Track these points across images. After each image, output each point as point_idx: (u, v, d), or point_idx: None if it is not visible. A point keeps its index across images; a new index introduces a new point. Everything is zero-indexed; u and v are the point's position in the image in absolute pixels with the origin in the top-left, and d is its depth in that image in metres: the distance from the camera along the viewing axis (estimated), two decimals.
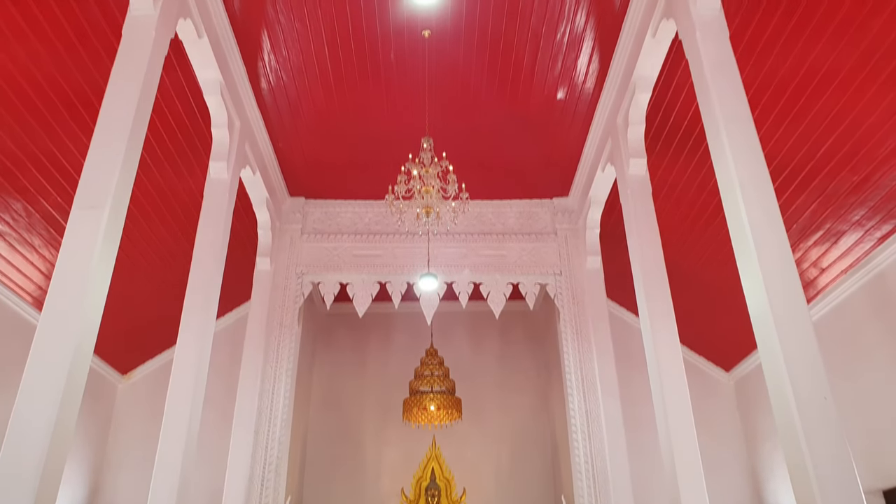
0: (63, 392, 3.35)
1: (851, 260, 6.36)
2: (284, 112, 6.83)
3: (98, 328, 3.70)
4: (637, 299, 6.10)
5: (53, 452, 3.29)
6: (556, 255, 8.19)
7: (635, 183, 6.05)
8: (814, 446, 3.70)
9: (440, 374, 8.23)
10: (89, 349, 3.63)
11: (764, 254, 4.20)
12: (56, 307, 3.55)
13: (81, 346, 3.53)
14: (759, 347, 4.26)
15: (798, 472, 3.79)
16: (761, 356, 4.25)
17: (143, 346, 8.87)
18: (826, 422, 3.77)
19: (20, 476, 3.19)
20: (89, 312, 3.63)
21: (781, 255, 4.19)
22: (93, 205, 3.84)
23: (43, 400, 3.33)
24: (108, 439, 8.62)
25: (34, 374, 3.41)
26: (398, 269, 8.09)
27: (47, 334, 3.48)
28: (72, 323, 3.51)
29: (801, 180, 5.86)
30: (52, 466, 3.30)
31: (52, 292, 3.57)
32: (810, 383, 3.88)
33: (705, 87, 4.35)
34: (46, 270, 6.59)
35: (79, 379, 3.52)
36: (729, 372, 9.26)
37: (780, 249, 4.20)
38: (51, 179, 5.80)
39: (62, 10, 4.77)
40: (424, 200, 5.42)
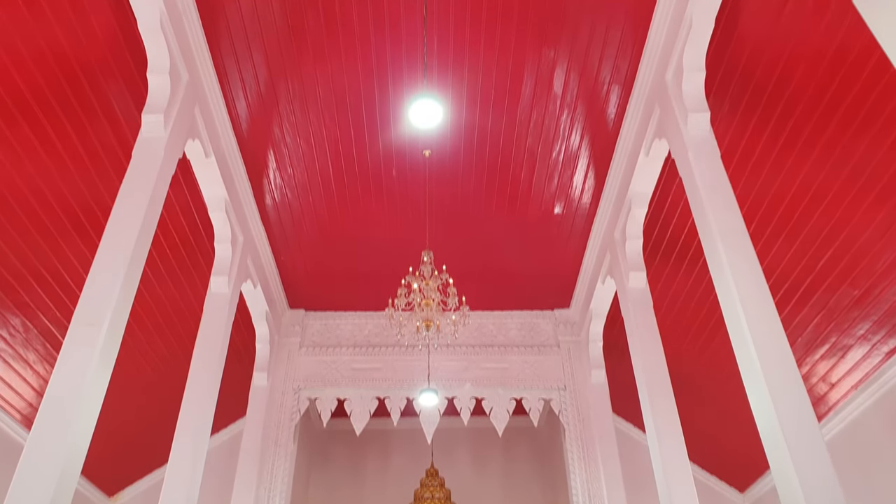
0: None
1: (861, 375, 6.24)
2: (287, 226, 6.96)
3: (86, 451, 3.57)
4: (643, 415, 5.93)
5: None
6: (559, 369, 8.05)
7: (636, 296, 6.05)
8: None
9: (441, 497, 7.86)
10: (76, 472, 3.48)
11: (769, 370, 4.10)
12: (45, 428, 3.43)
13: (67, 470, 3.38)
14: (772, 470, 4.09)
15: None
16: (775, 480, 4.06)
17: (131, 465, 8.54)
18: None
19: None
20: (78, 435, 3.50)
21: (787, 370, 4.09)
22: (91, 322, 3.80)
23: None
24: None
25: (17, 497, 3.25)
26: (397, 384, 7.93)
27: (33, 456, 3.35)
28: (59, 445, 3.38)
29: (802, 294, 5.85)
30: None
31: (42, 412, 3.47)
32: None
33: (700, 205, 4.43)
34: (39, 387, 6.47)
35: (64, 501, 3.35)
36: (744, 493, 8.85)
37: (785, 365, 4.10)
38: (51, 294, 5.82)
39: (75, 129, 4.96)
40: (424, 313, 5.39)
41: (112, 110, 5.00)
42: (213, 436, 8.28)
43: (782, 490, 3.94)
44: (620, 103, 5.50)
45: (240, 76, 5.36)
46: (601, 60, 5.16)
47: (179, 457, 5.18)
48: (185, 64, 4.88)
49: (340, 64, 5.24)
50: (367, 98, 5.53)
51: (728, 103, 4.92)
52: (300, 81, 5.40)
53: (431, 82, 5.32)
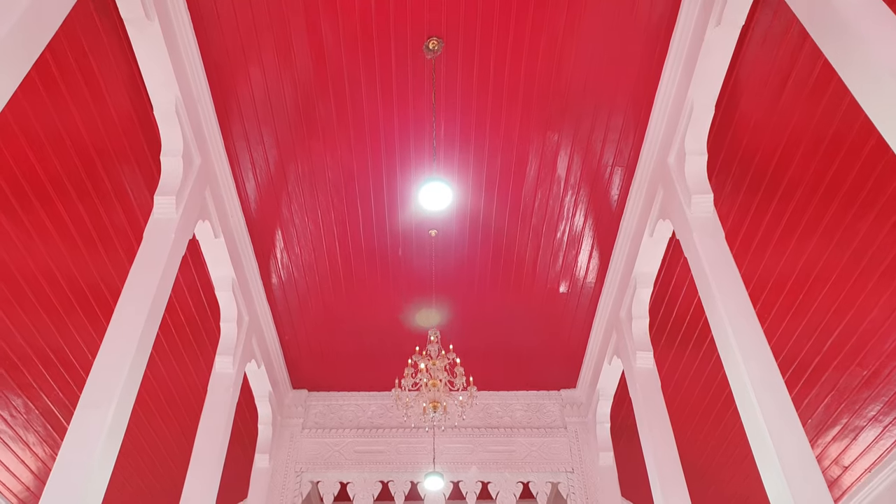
0: None
1: (874, 457, 6.12)
2: (293, 306, 6.97)
3: None
4: (654, 499, 5.77)
5: None
6: (566, 451, 7.87)
7: (643, 376, 5.99)
8: None
9: None
10: None
11: (783, 452, 4.01)
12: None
13: None
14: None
15: None
16: None
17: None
18: None
19: None
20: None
21: (801, 452, 4.00)
22: (98, 404, 3.76)
23: None
24: None
25: None
26: (401, 467, 7.73)
27: None
28: None
29: (811, 374, 5.81)
30: None
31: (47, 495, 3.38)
32: None
33: (707, 285, 4.46)
34: (37, 470, 6.32)
35: None
36: None
37: (799, 447, 4.03)
38: (55, 375, 5.77)
39: (87, 211, 5.04)
40: (431, 394, 5.33)
41: (125, 193, 5.10)
42: None
43: None
44: (623, 185, 5.62)
45: (250, 158, 5.50)
46: (604, 144, 5.32)
47: None
48: (198, 147, 5.02)
49: (349, 147, 5.39)
50: (375, 180, 5.66)
51: (730, 184, 5.04)
52: (309, 163, 5.54)
53: (438, 164, 5.46)
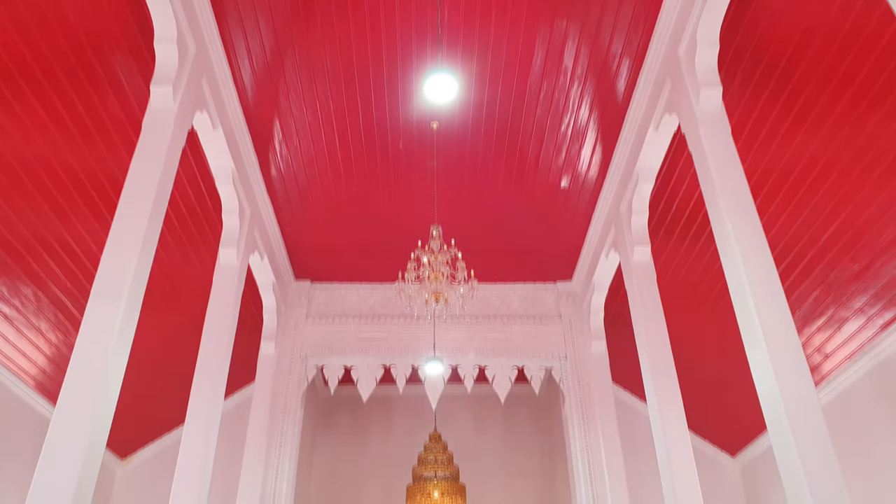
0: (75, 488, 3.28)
1: (855, 346, 6.38)
2: (293, 198, 6.97)
3: (111, 423, 3.65)
4: (644, 386, 6.07)
5: None
6: (560, 339, 8.18)
7: (640, 270, 6.13)
8: None
9: (444, 460, 8.03)
10: (102, 444, 3.57)
11: (771, 337, 4.21)
12: (70, 403, 3.51)
13: (94, 442, 3.47)
14: (771, 437, 4.24)
15: None
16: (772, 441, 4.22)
17: (143, 429, 8.68)
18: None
19: None
20: (102, 408, 3.59)
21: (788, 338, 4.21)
22: (110, 295, 3.85)
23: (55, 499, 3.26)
24: None
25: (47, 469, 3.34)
26: (403, 352, 8.05)
27: (60, 430, 3.43)
28: (85, 418, 3.46)
29: (804, 268, 5.95)
30: None
31: (66, 387, 3.53)
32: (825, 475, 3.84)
33: (710, 180, 4.48)
34: (51, 354, 6.54)
35: (91, 474, 3.45)
36: (734, 457, 9.09)
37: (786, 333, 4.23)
38: (61, 265, 5.84)
39: (81, 100, 4.92)
40: (433, 286, 5.46)
41: (119, 82, 4.96)
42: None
43: (779, 451, 4.09)
44: (631, 77, 5.49)
45: (246, 46, 5.31)
46: (613, 33, 5.14)
47: (194, 420, 5.31)
48: (192, 34, 4.84)
49: (348, 34, 5.20)
50: (375, 70, 5.50)
51: (740, 78, 4.93)
52: (307, 51, 5.36)
53: (443, 54, 5.29)
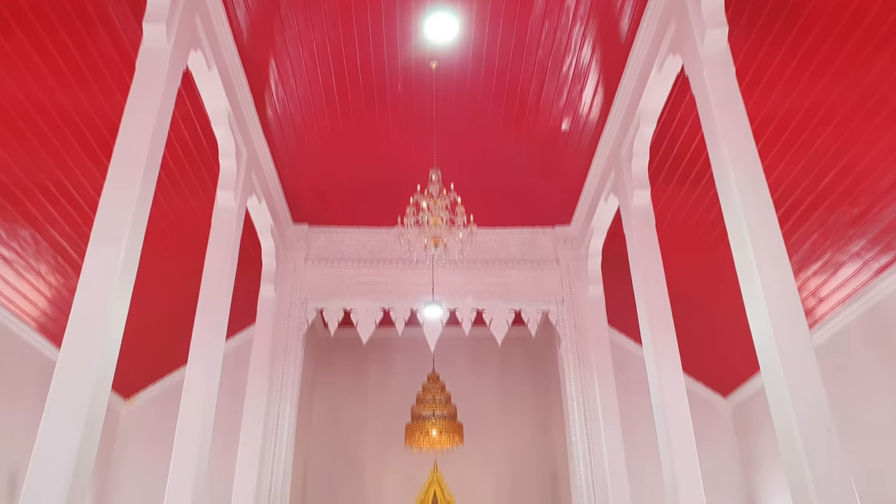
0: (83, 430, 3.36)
1: (849, 290, 6.45)
2: (290, 140, 6.89)
3: (115, 365, 3.71)
4: (640, 329, 6.16)
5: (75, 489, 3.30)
6: (558, 283, 8.25)
7: (639, 214, 6.13)
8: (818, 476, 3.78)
9: (442, 400, 8.22)
10: (107, 386, 3.64)
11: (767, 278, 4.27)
12: (74, 347, 3.55)
13: (100, 385, 3.54)
14: (763, 376, 4.34)
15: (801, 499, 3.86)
16: (765, 385, 4.32)
17: (145, 369, 8.83)
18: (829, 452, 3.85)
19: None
20: (107, 351, 3.64)
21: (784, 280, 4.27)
22: (110, 238, 3.86)
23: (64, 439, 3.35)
24: (111, 464, 8.53)
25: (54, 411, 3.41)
26: (402, 296, 8.12)
27: (67, 371, 3.49)
28: (90, 362, 3.51)
29: (803, 212, 5.96)
30: None
31: (70, 332, 3.57)
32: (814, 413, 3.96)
33: (712, 123, 4.44)
34: (52, 297, 6.58)
35: (98, 415, 3.53)
36: (726, 398, 9.30)
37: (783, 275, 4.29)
38: (59, 208, 5.82)
39: (75, 42, 4.81)
40: (432, 231, 5.46)
41: (110, 20, 4.83)
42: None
43: (770, 391, 4.21)
44: (634, 16, 5.36)
45: None
46: None
47: (196, 361, 5.40)
48: None
49: None
50: (374, 7, 5.35)
51: (746, 18, 4.82)
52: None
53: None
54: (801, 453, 3.89)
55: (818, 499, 3.72)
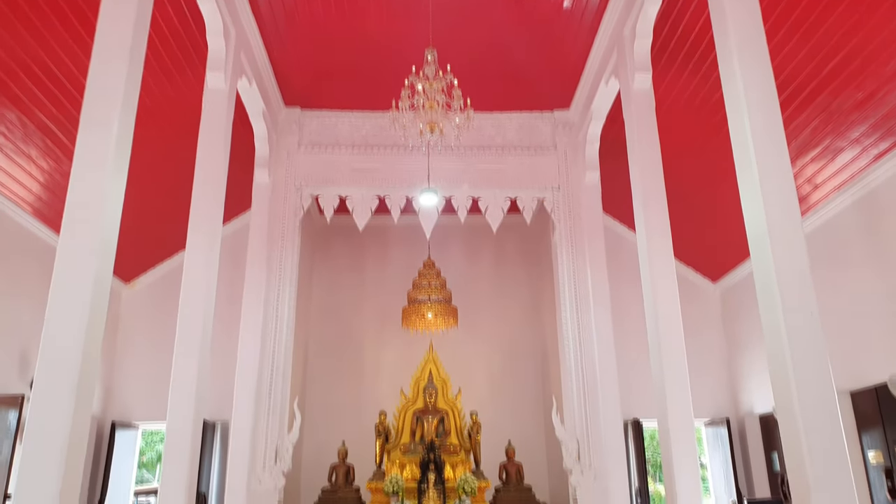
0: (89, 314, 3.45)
1: (846, 176, 6.46)
2: (280, 19, 6.60)
3: (115, 250, 3.76)
4: (635, 214, 6.21)
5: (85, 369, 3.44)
6: (554, 170, 8.21)
7: (639, 98, 6.01)
8: (797, 357, 3.98)
9: (437, 285, 8.42)
10: (109, 269, 3.71)
11: (764, 170, 4.29)
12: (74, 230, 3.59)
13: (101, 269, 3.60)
14: (752, 260, 4.45)
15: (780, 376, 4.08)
16: (754, 269, 4.44)
17: (145, 254, 8.95)
18: (810, 334, 4.03)
19: (58, 398, 3.37)
20: (107, 233, 3.67)
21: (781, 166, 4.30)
22: (100, 122, 3.79)
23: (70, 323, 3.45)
24: (115, 346, 8.84)
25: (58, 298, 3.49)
26: (397, 183, 8.09)
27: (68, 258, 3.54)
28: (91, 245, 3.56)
29: (806, 96, 5.85)
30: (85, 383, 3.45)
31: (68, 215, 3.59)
32: (798, 296, 4.10)
33: (719, 4, 4.27)
34: (45, 181, 6.54)
35: (101, 301, 3.62)
36: (716, 283, 9.55)
37: (780, 168, 4.30)
38: (44, 90, 5.66)
39: None
40: (428, 115, 5.36)
41: None
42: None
43: (759, 279, 4.33)
44: None
45: None
46: None
47: (195, 244, 5.48)
48: None
49: None
50: None
51: None
52: None
53: None
54: (783, 335, 4.05)
55: (795, 380, 3.93)
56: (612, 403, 7.55)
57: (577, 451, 7.40)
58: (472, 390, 9.23)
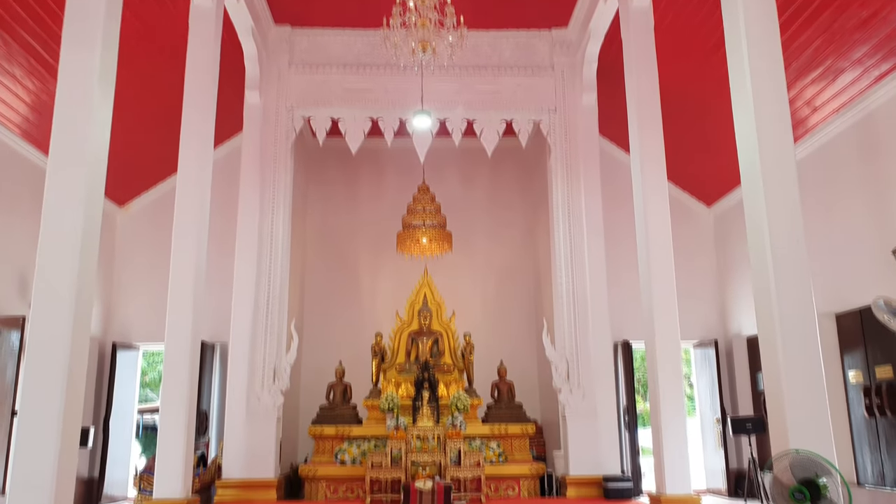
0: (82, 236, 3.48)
1: (845, 99, 6.37)
2: None
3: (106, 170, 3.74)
4: (630, 135, 6.16)
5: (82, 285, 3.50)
6: (551, 91, 8.06)
7: (638, 17, 5.87)
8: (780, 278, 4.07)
9: (432, 210, 8.42)
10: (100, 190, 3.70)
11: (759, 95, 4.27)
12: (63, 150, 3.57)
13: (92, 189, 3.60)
14: (742, 185, 4.46)
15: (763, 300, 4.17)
16: (744, 194, 4.47)
17: (138, 177, 8.89)
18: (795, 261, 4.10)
19: (56, 317, 3.43)
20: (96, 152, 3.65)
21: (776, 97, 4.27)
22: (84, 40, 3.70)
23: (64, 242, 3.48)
24: (113, 270, 8.91)
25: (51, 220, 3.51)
26: (390, 105, 7.95)
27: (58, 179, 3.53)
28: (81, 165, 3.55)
29: (809, 15, 5.69)
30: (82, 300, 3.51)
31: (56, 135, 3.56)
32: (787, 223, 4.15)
33: None
34: (31, 101, 6.43)
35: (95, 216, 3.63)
36: (710, 207, 9.56)
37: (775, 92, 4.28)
38: (24, 6, 5.47)
39: None
40: (420, 34, 5.22)
41: None
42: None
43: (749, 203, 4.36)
44: None
45: None
46: None
47: (187, 165, 5.48)
48: None
49: None
50: None
51: None
52: None
53: None
54: (769, 261, 4.12)
55: (778, 304, 4.02)
56: (602, 325, 7.71)
57: (566, 371, 7.61)
58: (466, 313, 9.39)
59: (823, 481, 3.08)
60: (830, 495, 3.08)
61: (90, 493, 7.85)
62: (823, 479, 3.09)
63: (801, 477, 3.10)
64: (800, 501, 3.07)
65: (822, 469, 3.11)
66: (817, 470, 3.10)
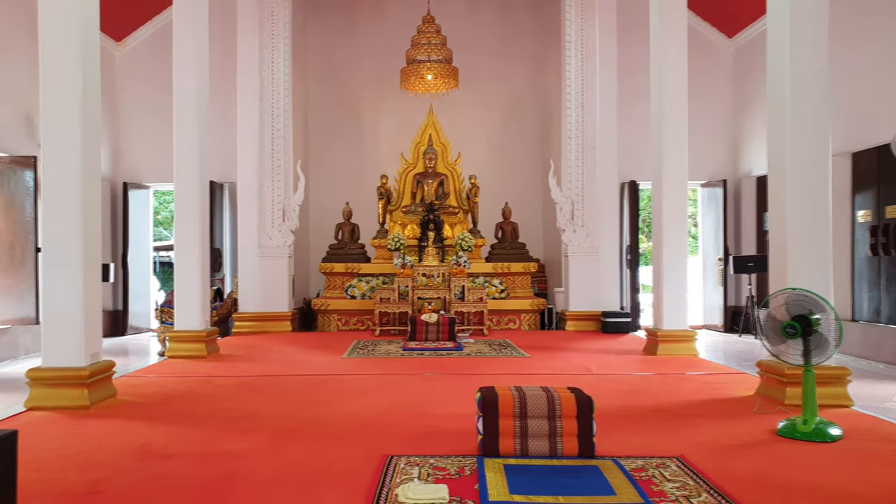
0: (81, 62, 3.42)
1: None
2: None
3: None
4: None
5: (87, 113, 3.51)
6: None
7: None
8: (798, 115, 3.93)
9: (437, 43, 8.03)
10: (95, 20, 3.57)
11: None
12: None
13: (87, 22, 3.45)
14: (768, 11, 4.19)
15: (776, 134, 4.07)
16: (768, 20, 4.20)
17: (132, 11, 8.44)
18: (816, 96, 3.93)
19: (66, 158, 3.46)
20: None
21: None
22: None
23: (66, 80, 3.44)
24: (118, 110, 8.71)
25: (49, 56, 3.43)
26: None
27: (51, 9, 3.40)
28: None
29: None
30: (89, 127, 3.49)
31: None
32: (810, 55, 3.93)
33: None
34: None
35: (92, 54, 3.54)
36: (731, 38, 9.04)
37: None
38: None
39: None
40: None
41: None
42: None
43: (772, 25, 4.13)
44: None
45: None
46: None
47: None
48: None
49: None
50: None
51: None
52: None
53: None
54: (787, 93, 3.94)
55: (792, 144, 3.91)
56: (610, 165, 7.64)
57: (570, 212, 7.66)
58: (472, 154, 9.28)
59: (816, 317, 3.16)
60: (821, 329, 3.17)
61: (116, 324, 8.31)
62: (817, 314, 3.17)
63: (796, 313, 3.17)
64: (791, 335, 3.17)
65: (817, 306, 3.18)
66: (811, 307, 3.17)
